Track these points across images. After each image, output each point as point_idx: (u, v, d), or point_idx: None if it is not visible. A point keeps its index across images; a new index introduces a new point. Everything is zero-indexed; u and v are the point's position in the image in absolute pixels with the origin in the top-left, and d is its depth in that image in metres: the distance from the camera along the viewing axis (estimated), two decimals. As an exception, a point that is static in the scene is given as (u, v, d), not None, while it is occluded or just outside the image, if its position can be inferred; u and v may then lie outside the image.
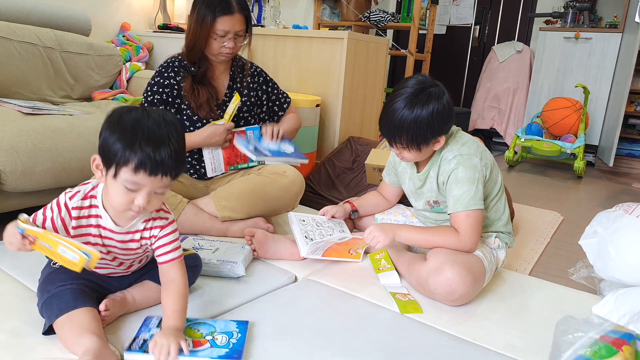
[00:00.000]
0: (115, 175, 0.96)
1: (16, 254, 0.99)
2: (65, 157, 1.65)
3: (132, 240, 1.09)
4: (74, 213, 1.04)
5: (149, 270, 1.20)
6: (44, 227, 1.01)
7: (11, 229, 0.95)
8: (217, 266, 1.38)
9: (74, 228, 1.05)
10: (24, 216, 0.95)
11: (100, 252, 1.04)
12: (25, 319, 1.08)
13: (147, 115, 0.97)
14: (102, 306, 1.05)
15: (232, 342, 1.05)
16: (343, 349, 1.09)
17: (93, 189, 1.07)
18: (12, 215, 1.75)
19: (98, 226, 1.07)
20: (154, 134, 0.95)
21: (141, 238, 1.09)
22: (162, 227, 1.09)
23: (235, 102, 1.76)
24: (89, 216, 1.06)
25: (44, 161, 1.59)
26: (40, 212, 1.04)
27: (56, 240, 0.95)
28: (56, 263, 1.13)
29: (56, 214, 1.03)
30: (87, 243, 1.03)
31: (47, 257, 1.13)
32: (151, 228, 1.09)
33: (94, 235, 1.07)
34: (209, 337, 1.06)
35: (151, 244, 1.10)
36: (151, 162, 0.94)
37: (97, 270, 1.12)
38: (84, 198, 1.06)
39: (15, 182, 1.53)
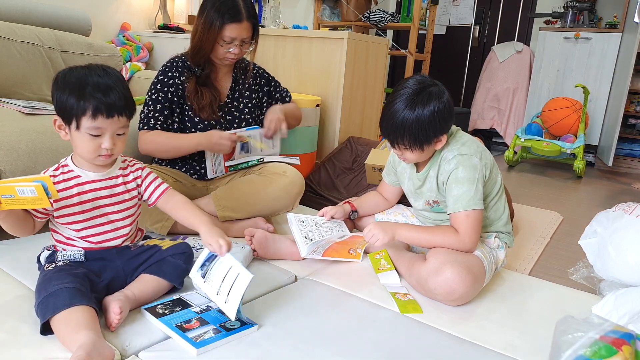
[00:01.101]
0: (78, 127, 1.08)
1: (17, 254, 1.00)
2: (65, 156, 1.65)
3: (115, 185, 1.20)
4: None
5: (144, 263, 1.21)
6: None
7: None
8: (217, 266, 1.38)
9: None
10: None
11: (88, 210, 1.15)
12: (25, 318, 1.08)
13: (88, 69, 1.10)
14: (116, 309, 1.06)
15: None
16: (343, 349, 1.09)
17: (63, 160, 1.18)
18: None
19: (78, 185, 1.15)
20: (99, 82, 1.08)
21: (124, 182, 1.21)
22: (141, 169, 1.25)
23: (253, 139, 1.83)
24: (66, 180, 1.15)
25: (44, 161, 1.59)
26: None
27: (10, 186, 0.98)
28: (50, 265, 1.14)
29: None
30: (72, 205, 1.14)
31: (37, 259, 1.14)
32: (130, 173, 1.22)
33: (77, 195, 1.14)
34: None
35: (138, 185, 1.23)
36: (105, 106, 1.07)
37: (91, 239, 1.17)
38: (56, 169, 1.16)
39: (16, 182, 1.53)
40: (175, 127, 1.76)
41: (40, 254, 1.21)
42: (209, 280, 1.17)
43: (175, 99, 1.74)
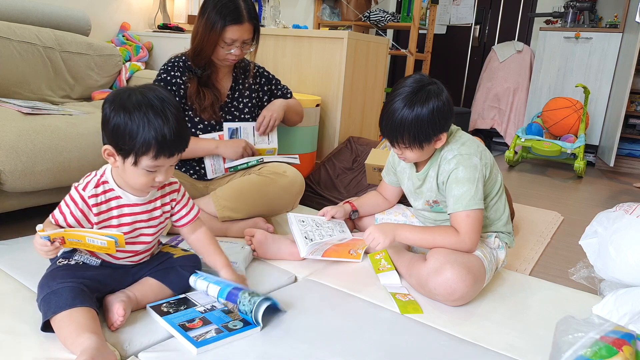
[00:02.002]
0: (135, 164, 1.03)
1: (17, 254, 1.01)
2: (65, 157, 1.65)
3: (155, 209, 1.17)
4: (92, 201, 1.08)
5: (148, 266, 1.21)
6: (66, 223, 1.07)
7: (38, 241, 0.99)
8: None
9: (95, 215, 1.09)
10: (39, 227, 0.99)
11: (126, 233, 1.11)
12: (25, 319, 1.08)
13: (148, 99, 1.02)
14: (120, 311, 1.06)
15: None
16: (343, 349, 1.09)
17: (102, 176, 1.12)
18: (13, 215, 1.75)
19: (119, 207, 1.12)
20: (162, 117, 1.01)
21: (162, 205, 1.19)
22: (177, 191, 1.22)
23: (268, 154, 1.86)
24: (107, 200, 1.11)
25: (44, 161, 1.59)
26: (56, 212, 1.08)
27: (81, 234, 1.02)
28: (64, 260, 1.13)
29: (74, 208, 1.08)
30: (110, 227, 1.10)
31: (60, 254, 1.15)
32: (169, 193, 1.20)
33: (116, 217, 1.12)
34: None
35: (172, 208, 1.21)
36: (168, 146, 1.02)
37: (117, 255, 1.16)
38: (97, 186, 1.10)
39: (15, 182, 1.52)
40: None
41: None
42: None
43: (177, 99, 1.74)
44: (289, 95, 2.01)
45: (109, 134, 1.03)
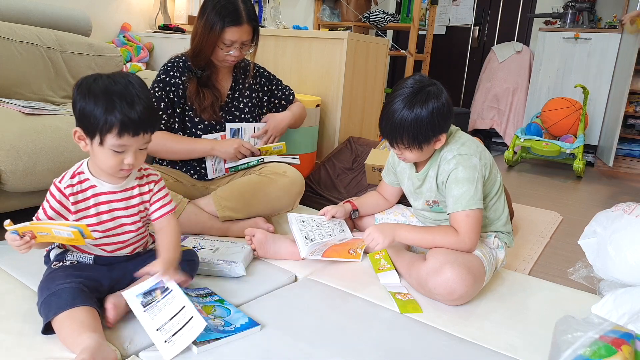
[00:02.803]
0: (101, 143, 1.04)
1: (17, 254, 1.01)
2: (66, 157, 1.65)
3: (131, 197, 1.17)
4: (68, 191, 1.10)
5: (145, 264, 1.20)
6: (47, 217, 1.09)
7: (7, 236, 1.01)
8: (217, 266, 1.38)
9: (73, 204, 1.11)
10: (6, 221, 1.00)
11: (104, 221, 1.13)
12: (26, 318, 1.09)
13: (113, 80, 1.05)
14: (109, 305, 1.07)
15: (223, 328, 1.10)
16: (343, 349, 1.09)
17: (78, 167, 1.14)
18: (12, 215, 1.75)
19: (95, 195, 1.13)
20: (126, 97, 1.03)
21: (140, 193, 1.18)
22: (155, 182, 1.20)
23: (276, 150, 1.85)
24: (83, 190, 1.12)
25: (45, 161, 1.59)
26: (39, 210, 1.11)
27: (47, 227, 1.02)
28: (58, 263, 1.14)
29: (52, 201, 1.10)
30: (88, 216, 1.11)
31: (47, 254, 1.16)
32: (147, 183, 1.19)
33: (93, 206, 1.13)
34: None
35: (150, 198, 1.19)
36: (133, 124, 1.03)
37: (105, 248, 1.17)
38: (72, 177, 1.13)
39: (16, 182, 1.53)
40: (176, 127, 1.76)
41: (50, 250, 1.20)
42: (151, 312, 1.06)
43: (176, 99, 1.74)
44: (291, 97, 2.01)
45: (77, 117, 1.06)
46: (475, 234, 1.35)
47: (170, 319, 1.04)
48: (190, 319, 1.03)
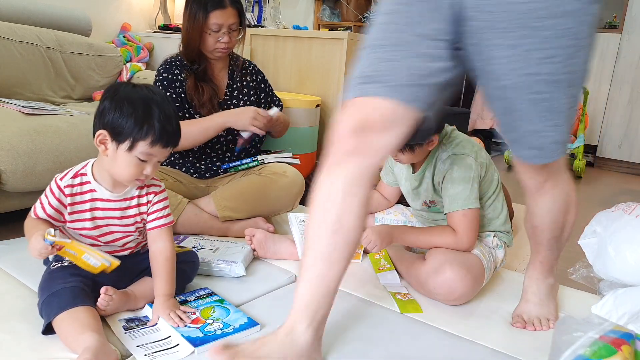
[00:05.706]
0: (130, 149, 1.04)
1: (17, 254, 1.01)
2: (66, 157, 1.65)
3: (129, 207, 1.15)
4: (67, 190, 1.10)
5: (147, 267, 1.20)
6: (45, 213, 1.09)
7: (38, 242, 0.97)
8: (217, 266, 1.38)
9: (69, 205, 1.10)
10: (51, 231, 0.99)
11: (99, 226, 1.13)
12: (26, 319, 1.08)
13: (152, 91, 1.08)
14: (102, 289, 1.06)
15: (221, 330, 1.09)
16: (343, 349, 1.09)
17: (82, 168, 1.13)
18: (12, 215, 1.75)
19: (92, 200, 1.12)
20: (165, 109, 1.05)
21: (138, 204, 1.16)
22: (156, 193, 1.18)
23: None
24: (82, 192, 1.12)
25: (45, 161, 1.59)
26: (37, 204, 1.10)
27: (81, 249, 1.01)
28: (57, 263, 1.14)
29: (52, 199, 1.10)
30: (83, 220, 1.11)
31: (52, 258, 1.15)
32: (146, 194, 1.17)
33: (89, 210, 1.12)
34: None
35: (148, 209, 1.17)
36: (167, 135, 1.05)
37: (104, 248, 1.15)
38: (74, 176, 1.12)
39: (16, 182, 1.53)
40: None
41: None
42: (132, 333, 1.07)
43: (178, 98, 1.74)
44: (280, 108, 1.99)
45: (108, 121, 1.03)
46: (472, 232, 1.35)
47: (153, 342, 1.04)
48: (175, 345, 1.03)
